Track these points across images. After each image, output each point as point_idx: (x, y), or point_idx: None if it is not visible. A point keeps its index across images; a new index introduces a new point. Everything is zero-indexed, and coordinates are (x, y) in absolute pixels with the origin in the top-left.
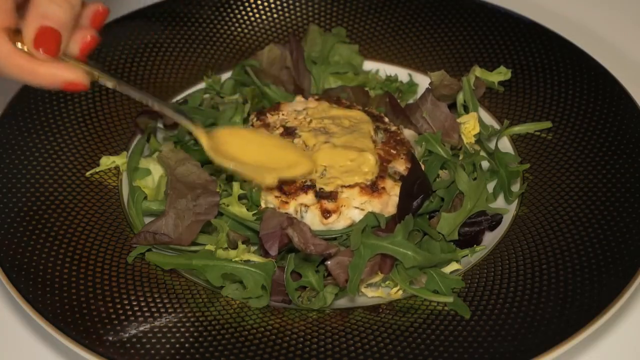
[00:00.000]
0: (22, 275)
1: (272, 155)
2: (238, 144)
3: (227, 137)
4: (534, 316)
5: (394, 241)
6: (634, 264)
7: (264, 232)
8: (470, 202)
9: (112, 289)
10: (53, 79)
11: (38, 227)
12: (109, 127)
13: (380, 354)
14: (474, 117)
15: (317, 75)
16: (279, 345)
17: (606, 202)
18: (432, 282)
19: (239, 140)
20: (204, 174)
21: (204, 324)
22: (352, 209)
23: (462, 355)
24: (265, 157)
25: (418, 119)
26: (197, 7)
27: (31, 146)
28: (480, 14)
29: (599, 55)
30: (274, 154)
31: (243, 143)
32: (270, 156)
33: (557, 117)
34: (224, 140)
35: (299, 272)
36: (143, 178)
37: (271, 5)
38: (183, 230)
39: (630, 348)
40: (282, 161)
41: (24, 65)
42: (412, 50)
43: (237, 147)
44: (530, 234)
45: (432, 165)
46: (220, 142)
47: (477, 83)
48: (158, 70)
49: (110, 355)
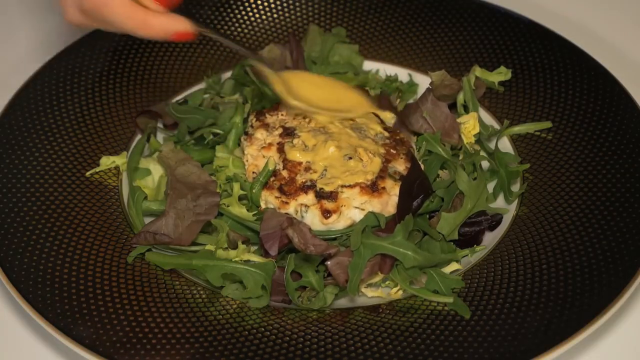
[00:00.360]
0: (22, 275)
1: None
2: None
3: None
4: (534, 316)
5: (394, 241)
6: (634, 264)
7: (264, 233)
8: (470, 202)
9: (112, 289)
10: (166, 29)
11: (38, 227)
12: (109, 127)
13: (380, 354)
14: (474, 117)
15: None
16: (279, 345)
17: (606, 202)
18: (432, 282)
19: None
20: (204, 174)
21: (204, 324)
22: (352, 209)
23: (462, 355)
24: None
25: (418, 119)
26: (197, 7)
27: (31, 146)
28: (480, 14)
29: (599, 55)
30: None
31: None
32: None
33: (557, 117)
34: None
35: (299, 272)
36: (143, 178)
37: (271, 5)
38: (183, 231)
39: (630, 348)
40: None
41: (139, 17)
42: (412, 50)
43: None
44: (530, 234)
45: (432, 165)
46: (290, 85)
47: (477, 83)
48: (158, 70)
49: (110, 355)
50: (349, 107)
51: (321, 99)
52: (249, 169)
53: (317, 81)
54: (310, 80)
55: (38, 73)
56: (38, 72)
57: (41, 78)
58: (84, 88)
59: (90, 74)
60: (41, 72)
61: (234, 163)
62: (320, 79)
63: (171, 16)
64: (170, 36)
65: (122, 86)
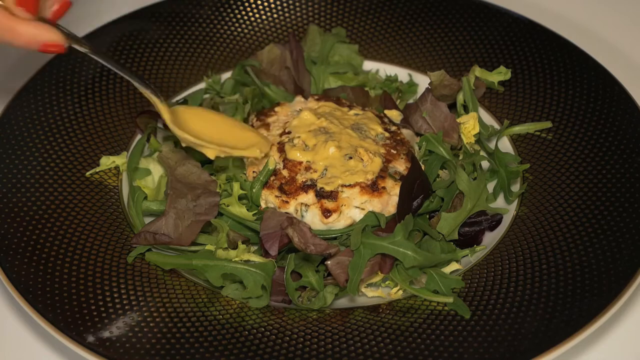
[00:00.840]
0: (22, 276)
1: (231, 134)
2: (199, 121)
3: (188, 114)
4: (534, 316)
5: (394, 241)
6: (634, 264)
7: (264, 232)
8: (470, 202)
9: (112, 289)
10: (33, 39)
11: (38, 227)
12: (109, 127)
13: (380, 354)
14: (473, 117)
15: (317, 75)
16: (279, 345)
17: (606, 202)
18: (432, 282)
19: (199, 117)
20: (204, 174)
21: (204, 324)
22: (353, 209)
23: (462, 355)
24: (223, 136)
25: (418, 119)
26: (197, 7)
27: (31, 146)
28: (480, 14)
29: (599, 55)
30: (233, 133)
31: (203, 121)
32: (228, 135)
33: (557, 117)
34: (185, 117)
35: (299, 272)
36: (143, 178)
37: (271, 5)
38: (183, 231)
39: (630, 348)
40: (240, 140)
41: (4, 23)
42: (412, 50)
43: (197, 124)
44: (530, 234)
45: (432, 165)
46: (181, 118)
47: (477, 83)
48: (158, 70)
49: (110, 355)
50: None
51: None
52: (249, 169)
53: (212, 118)
54: (204, 116)
55: (38, 73)
56: (38, 72)
57: (41, 78)
58: (84, 88)
59: (90, 74)
60: (41, 72)
61: (234, 163)
62: (218, 116)
63: (41, 25)
64: (39, 46)
65: (122, 86)
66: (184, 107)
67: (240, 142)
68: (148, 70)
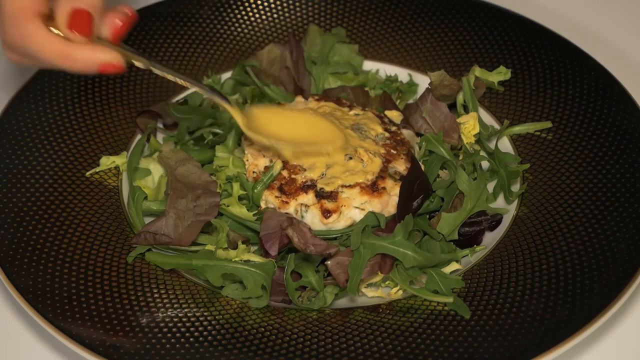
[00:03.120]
0: (22, 276)
1: (306, 131)
2: (272, 121)
3: (262, 116)
4: (534, 316)
5: (394, 241)
6: (634, 263)
7: (264, 233)
8: (470, 202)
9: (112, 289)
10: (90, 62)
11: (38, 227)
12: (109, 127)
13: (380, 354)
14: (473, 117)
15: (317, 75)
16: (279, 345)
17: (606, 202)
18: (432, 282)
19: (272, 117)
20: (204, 175)
21: (204, 324)
22: (353, 209)
23: (462, 355)
24: (299, 134)
25: (418, 119)
26: (197, 7)
27: (31, 146)
28: (480, 14)
29: (599, 55)
30: (308, 131)
31: (276, 120)
32: (304, 132)
33: (557, 117)
34: (259, 119)
35: (299, 272)
36: (143, 178)
37: (271, 5)
38: (183, 231)
39: (631, 348)
40: (316, 137)
41: (60, 49)
42: (412, 50)
43: (271, 124)
44: (530, 234)
45: (432, 165)
46: (255, 120)
47: (477, 83)
48: None
49: (110, 355)
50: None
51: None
52: (249, 168)
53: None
54: (278, 114)
55: (38, 73)
56: (38, 72)
57: (41, 78)
58: (84, 88)
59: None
60: (41, 72)
61: (234, 163)
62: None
63: (96, 47)
64: (98, 68)
65: (122, 86)
66: (257, 109)
67: (315, 138)
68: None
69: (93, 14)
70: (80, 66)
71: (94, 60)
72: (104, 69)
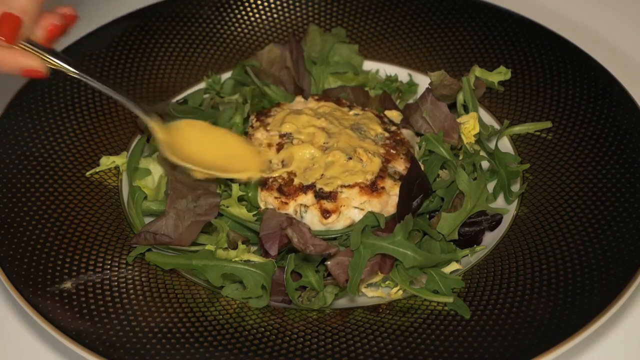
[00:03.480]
0: (22, 275)
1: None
2: (193, 139)
3: (184, 132)
4: (534, 316)
5: (394, 241)
6: (634, 264)
7: (264, 233)
8: (470, 202)
9: (112, 289)
10: (13, 66)
11: (38, 227)
12: (109, 127)
13: (380, 354)
14: (473, 117)
15: (317, 75)
16: (279, 345)
17: (606, 202)
18: (432, 282)
19: (195, 135)
20: None
21: (204, 324)
22: (352, 209)
23: (462, 355)
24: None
25: (418, 119)
26: (197, 7)
27: (31, 146)
28: (480, 14)
29: (599, 55)
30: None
31: (199, 139)
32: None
33: (557, 117)
34: (180, 136)
35: (299, 272)
36: (143, 178)
37: (271, 5)
38: (183, 231)
39: (631, 348)
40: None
41: None
42: (412, 50)
43: (191, 143)
44: (530, 234)
45: (432, 165)
46: (175, 136)
47: (477, 83)
48: (158, 70)
49: (110, 355)
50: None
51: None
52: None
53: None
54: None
55: None
56: None
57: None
58: (84, 88)
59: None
60: None
61: None
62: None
63: (19, 52)
64: (18, 71)
65: (122, 86)
66: (182, 123)
67: (234, 163)
68: (148, 71)
69: (24, 19)
70: (6, 68)
71: (16, 64)
72: (26, 74)
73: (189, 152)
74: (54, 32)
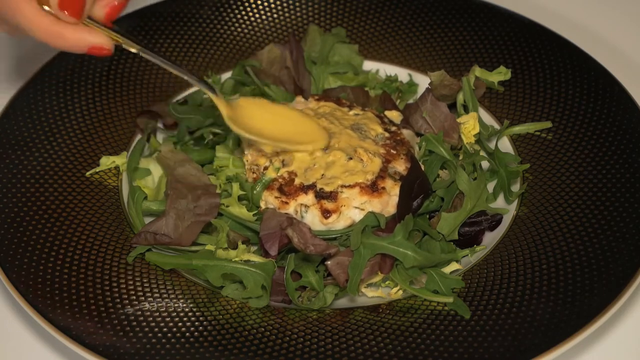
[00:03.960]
0: (22, 275)
1: (290, 128)
2: (257, 115)
3: (247, 108)
4: (534, 316)
5: (394, 241)
6: (634, 264)
7: (264, 233)
8: (470, 202)
9: (112, 289)
10: (79, 42)
11: (38, 227)
12: (109, 127)
13: (380, 354)
14: (473, 117)
15: (317, 75)
16: (279, 345)
17: (606, 202)
18: (432, 282)
19: (258, 111)
20: (203, 177)
21: (204, 324)
22: (352, 209)
23: (462, 355)
24: (282, 130)
25: (418, 119)
26: (197, 7)
27: (31, 146)
28: (480, 14)
29: (599, 55)
30: (292, 128)
31: (262, 115)
32: (288, 129)
33: (557, 117)
34: (244, 111)
35: (299, 272)
36: (143, 178)
37: (271, 5)
38: (183, 231)
39: (631, 348)
40: (299, 135)
41: (50, 27)
42: (412, 50)
43: (255, 118)
44: (530, 234)
45: (432, 165)
46: (239, 112)
47: (477, 83)
48: (158, 70)
49: (110, 355)
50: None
51: (268, 128)
52: (249, 169)
53: (272, 110)
54: (263, 108)
55: (38, 73)
56: (38, 72)
57: (41, 78)
58: (84, 88)
59: (90, 74)
60: (41, 72)
61: (234, 163)
62: (279, 109)
63: (86, 29)
64: (85, 49)
65: (122, 86)
66: (243, 100)
67: (298, 136)
68: (148, 70)
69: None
70: (70, 46)
71: (84, 41)
72: (92, 51)
73: (254, 127)
74: (114, 10)
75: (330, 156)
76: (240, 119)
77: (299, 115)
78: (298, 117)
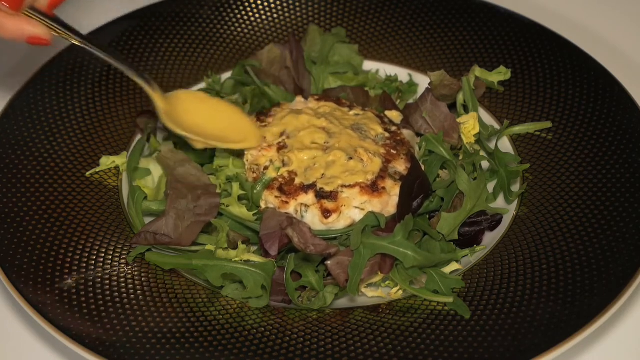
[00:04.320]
0: (22, 275)
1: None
2: (192, 110)
3: (183, 102)
4: (534, 316)
5: (394, 241)
6: (634, 264)
7: (264, 232)
8: (470, 202)
9: (112, 289)
10: (17, 33)
11: (38, 227)
12: (109, 127)
13: (380, 354)
14: (473, 117)
15: (317, 75)
16: (279, 345)
17: (606, 202)
18: (432, 282)
19: (194, 105)
20: (203, 177)
21: (204, 324)
22: (352, 209)
23: (462, 355)
24: (216, 126)
25: (418, 119)
26: (197, 7)
27: (31, 146)
28: (480, 14)
29: (599, 55)
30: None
31: (198, 109)
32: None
33: (557, 117)
34: (180, 106)
35: (299, 272)
36: (143, 178)
37: (271, 5)
38: (183, 231)
39: (631, 348)
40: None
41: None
42: (412, 50)
43: (191, 113)
44: (530, 234)
45: (432, 165)
46: (176, 106)
47: (477, 83)
48: (158, 70)
49: (110, 355)
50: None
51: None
52: (249, 172)
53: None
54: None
55: (38, 73)
56: (38, 72)
57: (41, 78)
58: (84, 88)
59: (90, 74)
60: (41, 72)
61: (234, 163)
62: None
63: (25, 20)
64: (24, 39)
65: (122, 86)
66: (181, 94)
67: (232, 133)
68: (148, 70)
69: None
70: (9, 36)
71: (22, 32)
72: (31, 41)
73: (188, 122)
74: (54, 3)
75: (331, 156)
76: (175, 114)
77: (236, 112)
78: (234, 113)
